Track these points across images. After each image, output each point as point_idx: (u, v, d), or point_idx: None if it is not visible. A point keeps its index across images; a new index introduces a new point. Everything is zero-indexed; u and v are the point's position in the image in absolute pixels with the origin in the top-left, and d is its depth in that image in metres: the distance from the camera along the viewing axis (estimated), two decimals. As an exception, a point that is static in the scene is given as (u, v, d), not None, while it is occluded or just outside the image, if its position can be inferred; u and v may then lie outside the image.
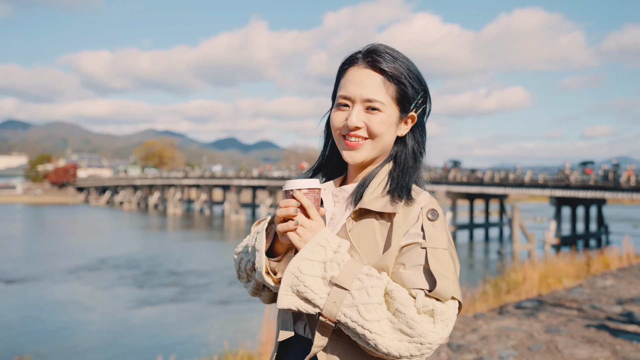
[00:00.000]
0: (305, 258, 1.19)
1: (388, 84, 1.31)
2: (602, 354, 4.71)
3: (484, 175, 40.55)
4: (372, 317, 1.14)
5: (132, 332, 14.34)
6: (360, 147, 1.33)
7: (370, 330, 1.14)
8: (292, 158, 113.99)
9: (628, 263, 12.27)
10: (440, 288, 1.17)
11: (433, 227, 1.24)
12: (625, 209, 79.96)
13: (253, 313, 15.85)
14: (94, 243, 35.44)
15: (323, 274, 1.19)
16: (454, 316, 1.19)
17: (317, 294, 1.18)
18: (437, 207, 1.28)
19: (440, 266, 1.19)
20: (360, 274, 1.18)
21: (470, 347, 5.03)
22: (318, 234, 1.22)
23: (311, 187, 1.26)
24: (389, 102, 1.31)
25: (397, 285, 1.18)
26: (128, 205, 77.97)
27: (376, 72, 1.32)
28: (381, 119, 1.31)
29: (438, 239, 1.23)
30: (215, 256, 30.32)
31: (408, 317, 1.14)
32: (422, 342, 1.14)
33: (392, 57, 1.32)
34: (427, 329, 1.14)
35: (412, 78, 1.33)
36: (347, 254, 1.21)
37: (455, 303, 1.21)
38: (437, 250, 1.21)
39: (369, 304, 1.15)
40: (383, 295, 1.17)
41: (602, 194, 32.87)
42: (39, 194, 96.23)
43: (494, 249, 34.65)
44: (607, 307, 6.68)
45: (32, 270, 24.27)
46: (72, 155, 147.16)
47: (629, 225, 48.72)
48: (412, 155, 1.37)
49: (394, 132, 1.35)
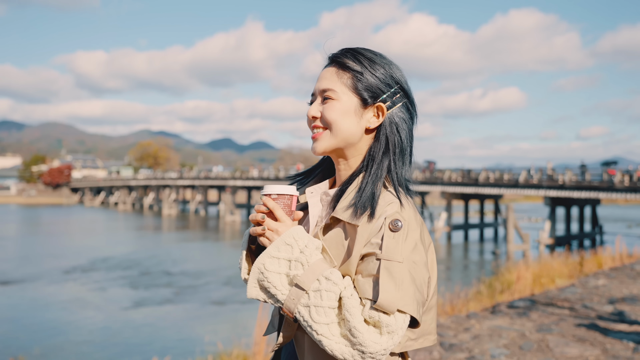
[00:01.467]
0: (271, 256, 1.24)
1: (341, 73, 1.35)
2: (592, 352, 4.76)
3: (478, 175, 40.65)
4: (320, 320, 1.18)
5: (127, 333, 14.33)
6: (319, 137, 1.36)
7: (317, 332, 1.18)
8: (288, 159, 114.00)
9: (621, 263, 12.35)
10: (382, 300, 1.16)
11: (393, 238, 1.22)
12: (620, 209, 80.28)
13: (247, 314, 15.85)
14: (88, 244, 35.35)
15: (287, 272, 1.24)
16: (401, 329, 1.18)
17: (279, 290, 1.23)
18: (404, 218, 1.25)
19: (390, 279, 1.18)
20: (321, 276, 1.21)
21: (463, 346, 5.06)
22: (286, 232, 1.26)
23: (280, 193, 1.30)
24: (344, 91, 1.34)
25: (352, 293, 1.20)
26: (123, 206, 77.76)
27: (333, 65, 1.37)
28: (333, 106, 1.34)
29: (394, 251, 1.20)
30: (210, 257, 30.30)
31: (351, 325, 1.16)
32: (364, 352, 1.15)
33: (354, 51, 1.36)
34: (369, 339, 1.15)
35: (376, 68, 1.34)
36: (313, 254, 1.24)
37: (405, 316, 1.18)
38: (391, 263, 1.19)
39: (320, 306, 1.18)
40: (337, 300, 1.19)
41: (596, 194, 33.00)
42: (33, 195, 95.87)
43: (488, 249, 34.74)
44: (598, 307, 6.73)
45: (26, 271, 24.19)
46: (66, 156, 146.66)
47: (623, 226, 48.92)
48: (385, 149, 1.34)
49: (357, 122, 1.34)
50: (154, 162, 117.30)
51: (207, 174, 69.22)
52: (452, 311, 8.37)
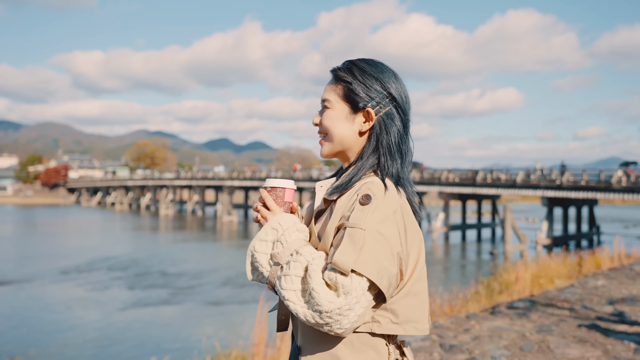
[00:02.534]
0: (260, 239, 1.41)
1: (335, 85, 1.52)
2: (593, 353, 4.73)
3: (476, 175, 40.66)
4: (287, 287, 1.30)
5: (125, 334, 14.28)
6: (322, 143, 1.55)
7: (285, 297, 1.30)
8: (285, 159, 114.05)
9: (619, 263, 12.34)
10: (336, 259, 1.26)
11: (361, 210, 1.32)
12: (617, 209, 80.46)
13: (245, 314, 15.83)
14: (85, 244, 35.27)
15: (270, 252, 1.40)
16: (356, 290, 1.25)
17: (265, 268, 1.41)
18: (374, 194, 1.35)
19: (349, 243, 1.28)
20: (293, 251, 1.36)
21: (463, 347, 5.03)
22: (272, 218, 1.43)
23: (273, 186, 1.49)
24: (337, 100, 1.50)
25: (317, 261, 1.31)
26: (120, 206, 77.65)
27: (331, 77, 1.55)
28: (327, 114, 1.51)
29: (359, 220, 1.30)
30: (208, 257, 30.25)
31: (310, 287, 1.27)
32: (320, 311, 1.24)
33: (349, 62, 1.52)
34: (325, 298, 1.24)
35: (364, 77, 1.48)
36: (293, 234, 1.39)
37: (362, 279, 1.26)
38: (354, 230, 1.30)
39: (288, 275, 1.31)
40: (303, 270, 1.31)
41: (593, 194, 33.04)
42: (30, 195, 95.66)
43: (486, 250, 34.77)
44: (598, 307, 6.71)
45: (23, 271, 24.12)
46: (63, 156, 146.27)
47: (620, 226, 49.02)
48: (374, 148, 1.47)
49: (349, 127, 1.49)
50: (151, 162, 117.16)
51: (204, 174, 69.10)
52: (451, 312, 8.35)
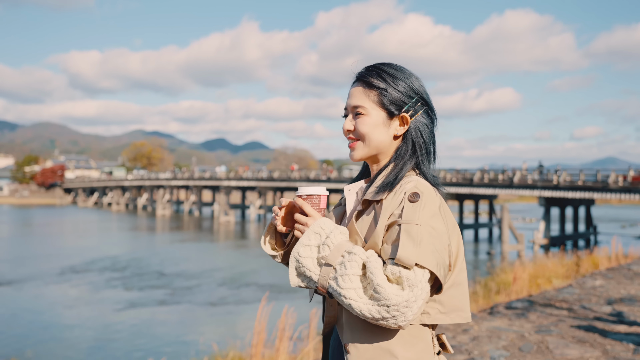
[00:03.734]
0: (303, 244, 1.45)
1: (368, 91, 1.56)
2: (592, 354, 4.72)
3: (473, 175, 40.68)
4: (346, 286, 1.35)
5: (121, 335, 14.23)
6: (355, 146, 1.59)
7: (345, 297, 1.35)
8: (282, 159, 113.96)
9: (617, 263, 12.35)
10: (400, 254, 1.33)
11: (412, 207, 1.41)
12: (614, 209, 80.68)
13: (243, 315, 15.81)
14: (82, 245, 35.19)
15: (317, 255, 1.44)
16: (421, 282, 1.32)
17: (313, 272, 1.43)
18: (423, 190, 1.45)
19: (408, 238, 1.35)
20: (344, 252, 1.40)
21: (462, 347, 5.02)
22: (314, 223, 1.47)
23: (308, 194, 1.54)
24: (372, 106, 1.55)
25: (374, 258, 1.36)
26: (116, 206, 77.51)
27: (361, 83, 1.59)
28: (364, 121, 1.56)
29: (413, 216, 1.39)
30: (205, 258, 30.20)
31: (375, 283, 1.31)
32: (388, 305, 1.29)
33: (379, 69, 1.57)
34: (391, 292, 1.30)
35: (398, 83, 1.55)
36: (338, 237, 1.43)
37: (424, 271, 1.34)
38: (410, 226, 1.37)
39: (345, 275, 1.35)
40: (360, 268, 1.36)
41: (590, 194, 33.08)
42: (26, 196, 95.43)
43: (483, 250, 34.80)
44: (597, 307, 6.70)
45: (19, 272, 24.04)
46: (59, 156, 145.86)
47: (617, 226, 49.13)
48: (411, 150, 1.56)
49: (385, 132, 1.56)
50: (148, 162, 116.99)
51: (201, 174, 69.02)
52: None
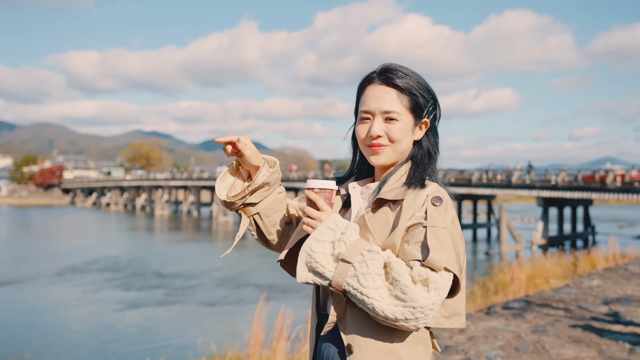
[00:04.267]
0: (316, 239, 1.40)
1: (402, 97, 1.54)
2: (588, 353, 4.74)
3: (471, 176, 40.71)
4: (369, 285, 1.32)
5: (120, 335, 14.23)
6: (382, 151, 1.56)
7: (367, 296, 1.31)
8: (281, 159, 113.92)
9: (614, 263, 12.38)
10: (432, 257, 1.32)
11: (436, 210, 1.42)
12: (612, 209, 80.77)
13: (241, 315, 15.81)
14: (80, 245, 35.16)
15: (332, 252, 1.39)
16: (446, 286, 1.33)
17: (327, 268, 1.38)
18: (443, 196, 1.48)
19: (436, 241, 1.35)
20: (363, 250, 1.36)
21: (458, 347, 5.04)
22: (328, 218, 1.43)
23: (322, 187, 1.49)
24: (404, 112, 1.55)
25: (396, 258, 1.35)
26: (115, 206, 77.47)
27: (390, 87, 1.55)
28: (399, 127, 1.54)
29: (438, 219, 1.40)
30: (203, 258, 30.18)
31: (402, 284, 1.29)
32: (415, 307, 1.29)
33: (403, 73, 1.55)
34: (419, 295, 1.29)
35: (422, 89, 1.56)
36: (353, 234, 1.40)
37: (449, 274, 1.35)
38: (436, 229, 1.38)
39: (367, 273, 1.32)
40: (382, 267, 1.34)
41: (588, 194, 33.12)
42: (24, 196, 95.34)
43: (481, 250, 34.83)
44: (593, 307, 6.73)
45: (17, 272, 24.02)
46: (58, 157, 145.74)
47: (615, 226, 49.19)
48: (427, 154, 1.60)
49: (411, 137, 1.58)
50: (146, 162, 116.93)
51: (200, 174, 68.99)
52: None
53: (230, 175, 1.68)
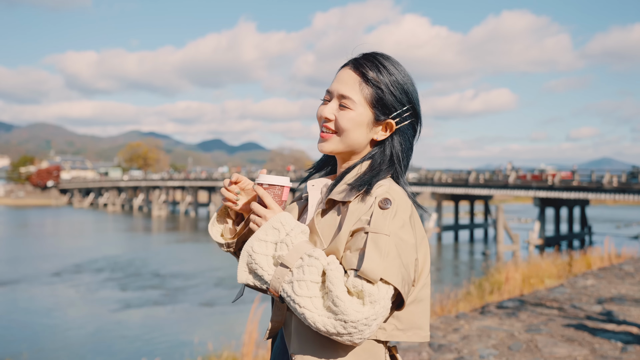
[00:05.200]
0: (259, 239, 1.30)
1: (364, 86, 1.39)
2: (580, 352, 4.77)
3: (468, 176, 40.79)
4: (302, 293, 1.21)
5: (116, 335, 14.24)
6: (329, 138, 1.43)
7: (299, 305, 1.21)
8: (278, 159, 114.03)
9: (609, 263, 12.41)
10: (365, 267, 1.20)
11: (382, 215, 1.28)
12: (609, 209, 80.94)
13: (237, 315, 15.82)
14: (77, 245, 35.12)
15: (273, 253, 1.29)
16: (383, 299, 1.20)
17: (266, 271, 1.28)
18: (395, 197, 1.32)
19: (375, 249, 1.22)
20: (304, 254, 1.25)
21: (452, 346, 5.06)
22: (273, 217, 1.32)
23: (271, 183, 1.38)
24: (362, 103, 1.39)
25: (336, 266, 1.23)
26: (112, 207, 77.40)
27: (357, 73, 1.41)
28: (350, 117, 1.39)
29: (383, 224, 1.26)
30: (200, 258, 30.18)
31: (334, 295, 1.18)
32: (346, 321, 1.17)
33: (380, 65, 1.41)
34: (351, 308, 1.17)
35: (395, 88, 1.40)
36: (298, 236, 1.29)
37: (389, 287, 1.22)
38: (378, 235, 1.24)
39: (302, 280, 1.22)
40: (320, 275, 1.23)
41: (585, 195, 33.23)
42: (22, 196, 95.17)
43: (478, 250, 34.90)
44: (587, 307, 6.76)
45: (14, 273, 23.99)
46: (55, 157, 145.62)
47: (611, 226, 49.32)
48: (388, 161, 1.42)
49: (366, 133, 1.42)
50: (144, 163, 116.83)
51: (197, 174, 68.98)
52: (441, 312, 8.39)
53: (218, 222, 1.56)
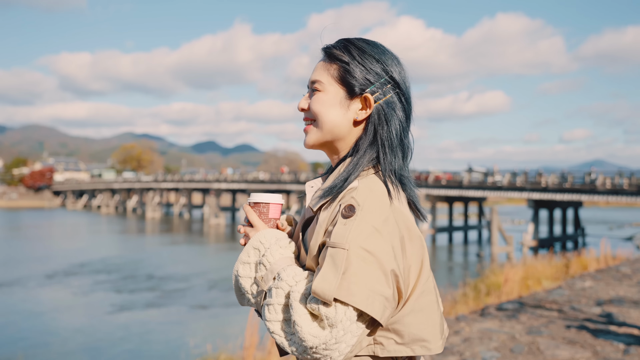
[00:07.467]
0: (242, 261, 1.26)
1: (329, 64, 1.29)
2: (583, 354, 4.76)
3: (462, 178, 40.87)
4: (271, 318, 1.15)
5: (112, 338, 14.14)
6: (308, 130, 1.32)
7: (269, 329, 1.15)
8: (272, 161, 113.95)
9: (605, 265, 12.46)
10: (315, 288, 1.07)
11: (344, 224, 1.12)
12: (601, 211, 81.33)
13: (234, 317, 15.75)
14: (71, 247, 34.94)
15: (254, 275, 1.25)
16: (342, 321, 1.07)
17: (250, 294, 1.25)
18: (359, 203, 1.14)
19: (331, 266, 1.08)
20: (277, 274, 1.19)
21: (454, 349, 5.04)
22: (253, 237, 1.28)
23: (255, 201, 1.35)
24: (330, 82, 1.28)
25: (299, 287, 1.14)
26: (106, 209, 77.09)
27: (324, 56, 1.33)
28: (318, 98, 1.28)
29: (341, 237, 1.10)
30: (195, 260, 30.10)
31: (293, 320, 1.10)
32: (305, 346, 1.08)
33: (347, 41, 1.30)
34: (309, 332, 1.07)
35: (363, 58, 1.26)
36: (275, 254, 1.22)
37: (347, 308, 1.07)
38: (335, 250, 1.09)
39: (271, 304, 1.15)
40: (285, 297, 1.15)
41: (578, 196, 33.36)
42: (15, 198, 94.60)
43: (473, 252, 34.95)
44: (586, 309, 6.76)
45: (7, 275, 23.82)
46: (48, 159, 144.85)
47: (604, 228, 49.52)
48: (370, 141, 1.26)
49: (343, 114, 1.27)
50: (138, 165, 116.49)
51: (191, 176, 68.84)
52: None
53: None
